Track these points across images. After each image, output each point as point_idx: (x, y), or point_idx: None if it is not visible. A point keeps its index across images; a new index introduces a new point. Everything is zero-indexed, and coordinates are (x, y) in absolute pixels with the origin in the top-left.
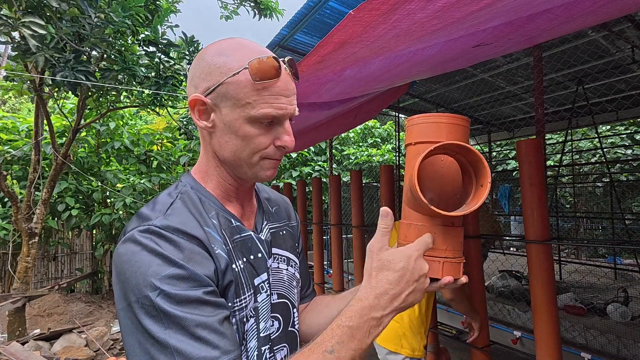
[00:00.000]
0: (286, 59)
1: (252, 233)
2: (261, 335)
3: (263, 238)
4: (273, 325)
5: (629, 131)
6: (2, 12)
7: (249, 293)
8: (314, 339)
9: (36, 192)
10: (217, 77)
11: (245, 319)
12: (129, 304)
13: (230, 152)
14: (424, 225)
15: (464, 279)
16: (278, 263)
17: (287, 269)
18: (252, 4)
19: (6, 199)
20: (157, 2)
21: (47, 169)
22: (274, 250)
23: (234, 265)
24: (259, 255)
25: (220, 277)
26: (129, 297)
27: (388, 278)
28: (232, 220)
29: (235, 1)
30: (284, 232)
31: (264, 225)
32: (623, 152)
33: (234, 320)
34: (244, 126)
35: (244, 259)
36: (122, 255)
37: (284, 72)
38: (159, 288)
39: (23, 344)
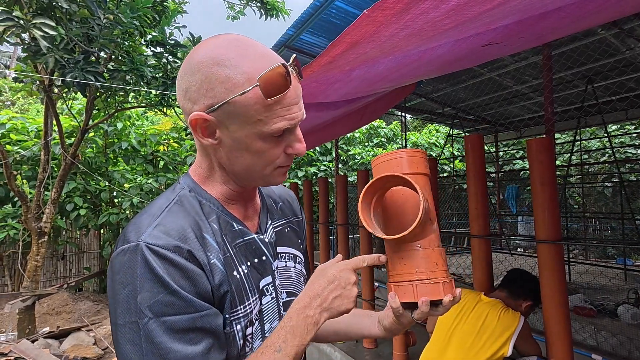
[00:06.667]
0: (291, 60)
1: (255, 236)
2: (266, 336)
3: (267, 240)
4: None
5: (639, 131)
6: (13, 14)
7: (255, 297)
8: (265, 341)
9: (45, 192)
10: (221, 95)
11: (249, 323)
12: (117, 325)
13: (242, 167)
14: (394, 253)
15: (446, 299)
16: (285, 261)
17: (294, 267)
18: (258, 4)
19: (16, 199)
20: (165, 3)
21: (56, 169)
22: (280, 249)
23: (235, 272)
24: (264, 258)
25: (215, 290)
26: (118, 318)
27: (320, 283)
28: (235, 223)
29: (242, 1)
30: (289, 229)
31: (268, 225)
32: (633, 152)
33: (238, 327)
34: (256, 142)
35: (248, 263)
36: (116, 272)
37: (292, 78)
38: (148, 316)
39: (33, 341)
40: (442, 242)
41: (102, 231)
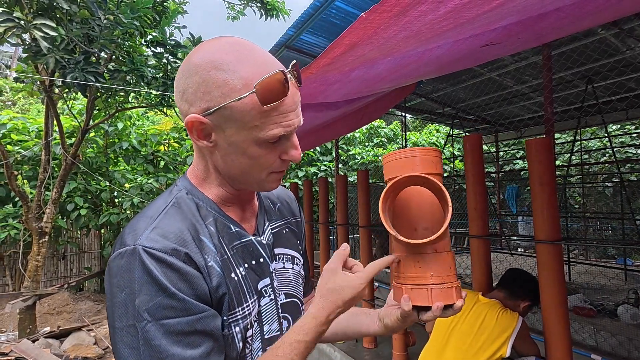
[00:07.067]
0: (290, 66)
1: (252, 238)
2: (265, 337)
3: (264, 242)
4: (282, 325)
5: (639, 130)
6: (14, 15)
7: (253, 299)
8: (274, 349)
9: (46, 192)
10: (218, 99)
11: (249, 325)
12: (114, 328)
13: (237, 170)
14: (407, 255)
15: (458, 303)
16: (283, 263)
17: (292, 268)
18: (258, 4)
19: (17, 199)
20: (165, 4)
21: (56, 169)
22: (278, 250)
23: (232, 275)
24: (261, 260)
25: (212, 292)
26: (115, 321)
27: (337, 304)
28: (232, 225)
29: (242, 1)
30: (287, 230)
31: (265, 227)
32: (633, 152)
33: (237, 329)
34: (251, 147)
35: (245, 265)
36: (113, 276)
37: (290, 85)
38: (146, 319)
39: (33, 341)
40: None
41: (102, 231)
